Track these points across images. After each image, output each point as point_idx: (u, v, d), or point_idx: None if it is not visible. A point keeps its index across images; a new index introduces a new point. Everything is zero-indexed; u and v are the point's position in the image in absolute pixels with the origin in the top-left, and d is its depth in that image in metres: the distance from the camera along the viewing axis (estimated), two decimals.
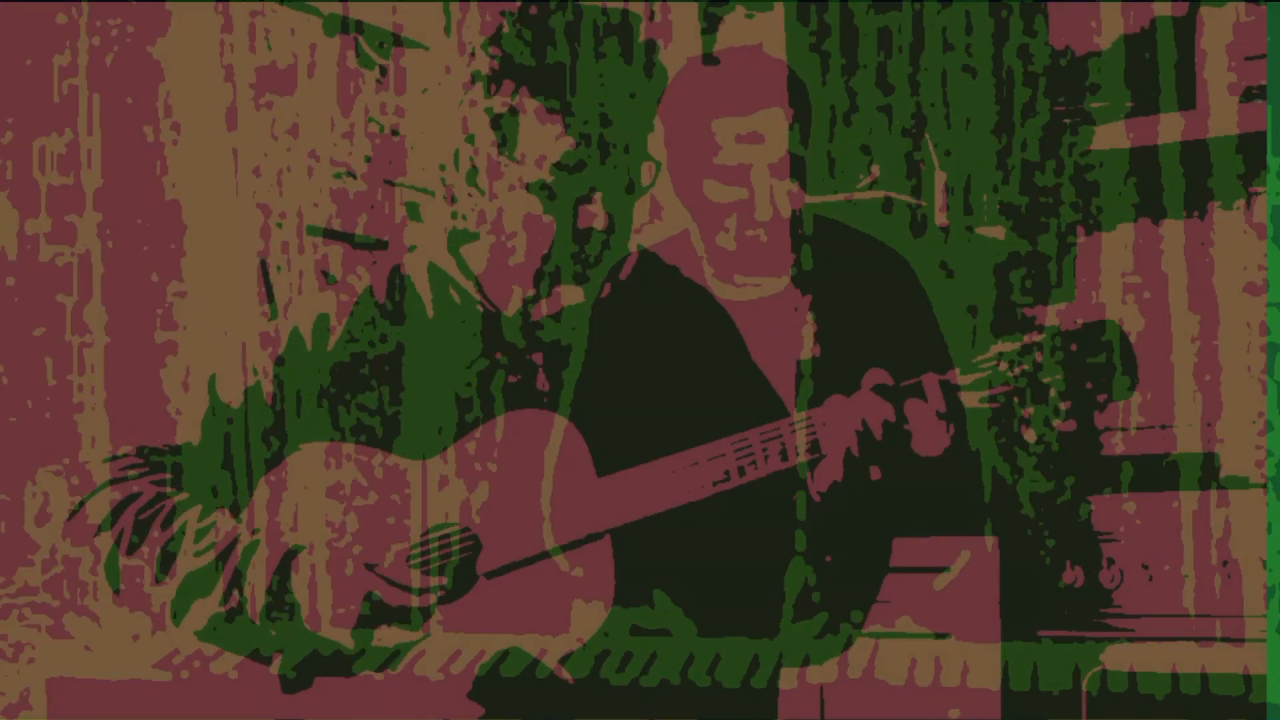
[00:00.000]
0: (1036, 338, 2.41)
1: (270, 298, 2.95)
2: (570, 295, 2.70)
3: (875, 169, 2.88)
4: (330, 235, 3.02)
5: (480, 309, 2.70)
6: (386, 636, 2.59)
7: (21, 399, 2.92)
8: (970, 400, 2.43)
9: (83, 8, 2.94)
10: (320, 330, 2.71)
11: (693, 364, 2.65)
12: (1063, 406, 2.40)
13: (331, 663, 2.58)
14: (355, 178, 2.98)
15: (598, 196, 2.69)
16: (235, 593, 2.59)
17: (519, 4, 2.71)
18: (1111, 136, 2.81)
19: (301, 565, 2.59)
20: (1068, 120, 2.83)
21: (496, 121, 2.67)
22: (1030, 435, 2.50)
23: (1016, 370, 2.41)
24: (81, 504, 2.69)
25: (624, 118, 2.68)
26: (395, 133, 3.03)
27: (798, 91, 2.61)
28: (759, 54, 2.67)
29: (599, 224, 2.70)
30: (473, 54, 2.71)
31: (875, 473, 2.45)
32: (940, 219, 2.84)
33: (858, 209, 2.84)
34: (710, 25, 2.86)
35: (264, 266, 2.96)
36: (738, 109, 2.56)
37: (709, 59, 2.65)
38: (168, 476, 2.68)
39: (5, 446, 2.91)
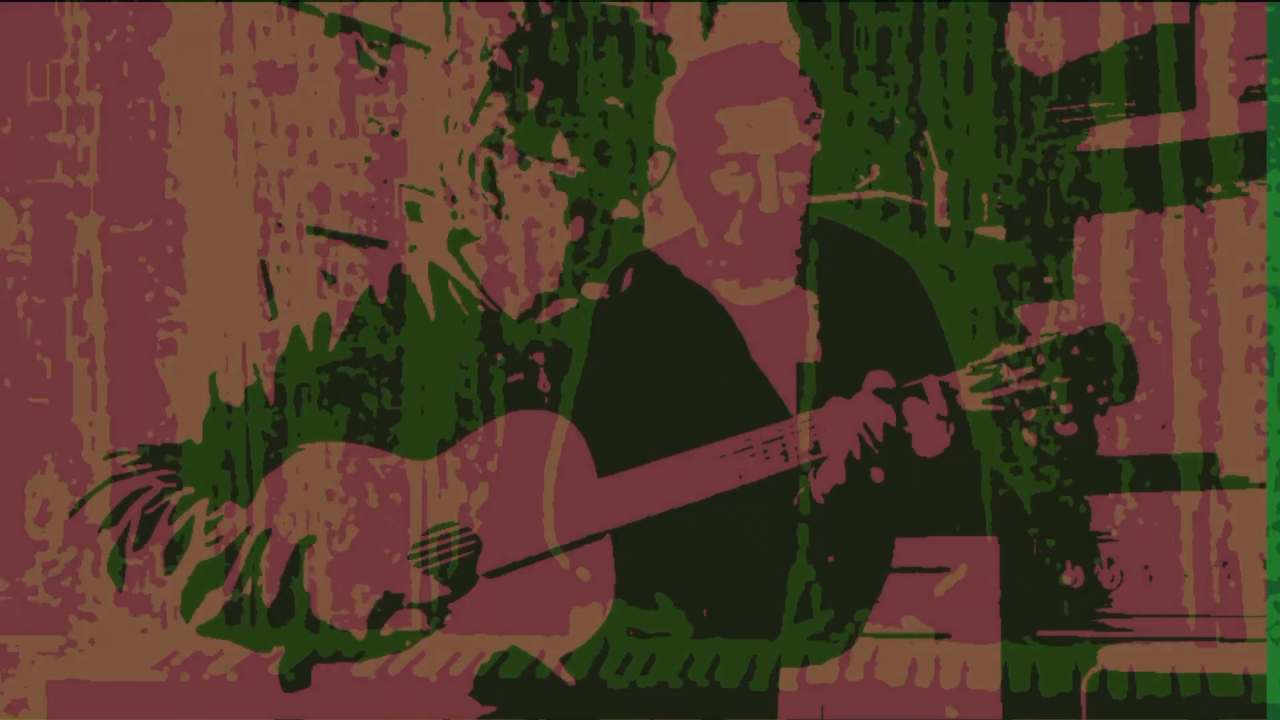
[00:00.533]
0: (1037, 339, 2.41)
1: (270, 298, 2.95)
2: (572, 296, 2.70)
3: (875, 169, 2.88)
4: (330, 235, 3.02)
5: (481, 309, 2.70)
6: (387, 637, 2.60)
7: (22, 399, 2.91)
8: (972, 402, 2.44)
9: (83, 8, 2.93)
10: (321, 330, 2.70)
11: (694, 365, 2.65)
12: (1064, 409, 2.40)
13: (331, 663, 2.58)
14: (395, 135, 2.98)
15: (599, 197, 2.69)
16: (249, 582, 2.59)
17: (520, 4, 2.70)
18: (1111, 136, 2.81)
19: (313, 555, 2.59)
20: (1068, 120, 2.83)
21: (497, 122, 2.67)
22: (1031, 437, 2.50)
23: (1018, 372, 2.42)
24: (82, 502, 2.69)
25: (626, 117, 2.68)
26: (395, 133, 3.03)
27: (809, 85, 2.61)
28: (767, 48, 2.68)
29: (600, 224, 2.70)
30: (473, 54, 2.71)
31: (878, 474, 2.45)
32: (940, 219, 2.84)
33: (858, 210, 2.84)
34: (711, 24, 2.86)
35: (264, 266, 2.96)
36: (745, 99, 2.56)
37: (717, 54, 2.66)
38: (170, 473, 2.68)
39: (5, 446, 2.91)
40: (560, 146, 2.66)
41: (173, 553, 2.61)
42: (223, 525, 2.61)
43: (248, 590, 2.59)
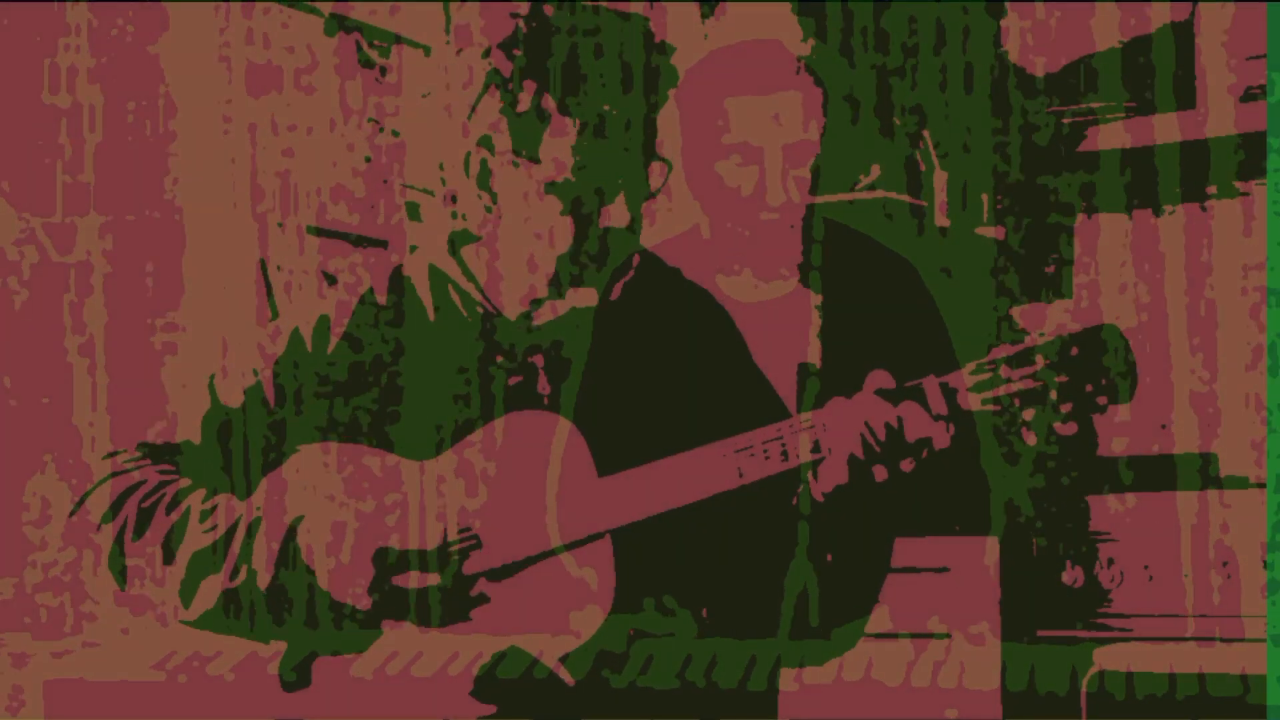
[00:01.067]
0: (1036, 340, 2.41)
1: (270, 298, 2.95)
2: (572, 297, 2.70)
3: (875, 169, 2.88)
4: (330, 235, 3.02)
5: (481, 310, 2.70)
6: (386, 636, 2.60)
7: (22, 399, 2.92)
8: (972, 402, 2.44)
9: (83, 8, 2.94)
10: (321, 331, 2.70)
11: (694, 365, 2.65)
12: (1063, 408, 2.40)
13: (331, 663, 2.58)
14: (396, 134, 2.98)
15: (600, 197, 2.69)
16: (244, 568, 2.59)
17: (520, 3, 2.71)
18: (1111, 136, 2.81)
19: (304, 538, 2.59)
20: (1068, 120, 2.83)
21: (497, 122, 2.67)
22: (1031, 438, 2.50)
23: (1017, 372, 2.42)
24: (82, 499, 2.69)
25: (625, 119, 2.68)
26: (395, 133, 3.04)
27: (816, 82, 2.61)
28: (776, 44, 2.68)
29: (601, 225, 2.70)
30: (472, 54, 2.71)
31: (880, 474, 2.45)
32: (940, 219, 2.85)
33: (858, 209, 2.85)
34: (711, 25, 2.87)
35: (264, 266, 2.97)
36: (754, 89, 2.57)
37: (726, 46, 2.66)
38: (169, 468, 2.68)
39: (5, 446, 2.91)
40: (558, 148, 2.66)
41: (170, 544, 2.61)
42: (218, 513, 2.61)
43: (243, 576, 2.58)
